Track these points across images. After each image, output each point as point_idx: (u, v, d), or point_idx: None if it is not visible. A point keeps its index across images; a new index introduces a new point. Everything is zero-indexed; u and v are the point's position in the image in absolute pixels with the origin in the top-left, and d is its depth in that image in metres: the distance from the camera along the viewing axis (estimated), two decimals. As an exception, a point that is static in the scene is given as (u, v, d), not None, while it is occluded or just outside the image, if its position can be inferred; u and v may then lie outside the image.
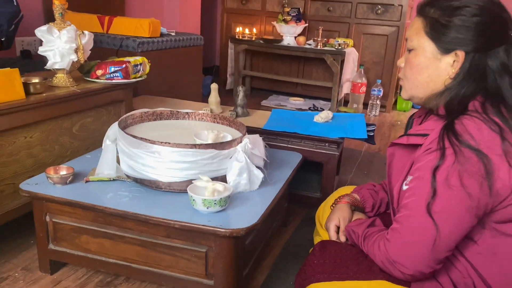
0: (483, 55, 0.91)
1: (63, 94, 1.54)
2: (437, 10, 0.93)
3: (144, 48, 2.58)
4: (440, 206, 0.84)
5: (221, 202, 1.21)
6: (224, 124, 1.67)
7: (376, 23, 3.91)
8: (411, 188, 0.90)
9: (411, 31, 0.98)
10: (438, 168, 0.84)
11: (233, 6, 4.47)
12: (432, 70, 0.95)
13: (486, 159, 0.81)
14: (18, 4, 1.82)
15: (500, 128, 0.85)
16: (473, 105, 0.89)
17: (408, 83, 1.00)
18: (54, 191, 1.31)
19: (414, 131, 0.98)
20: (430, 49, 0.94)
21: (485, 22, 0.90)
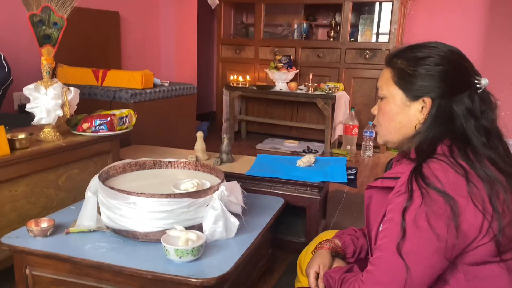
0: (449, 101, 0.96)
1: (49, 148, 1.61)
2: (403, 60, 1.00)
3: (137, 99, 2.68)
4: (410, 247, 0.86)
5: (193, 252, 1.23)
6: (205, 171, 1.71)
7: (365, 67, 4.03)
8: (383, 230, 0.93)
9: (381, 81, 1.05)
10: (406, 210, 0.87)
11: (228, 55, 4.65)
12: (402, 117, 1.00)
13: (452, 201, 0.84)
14: (9, 70, 1.92)
15: (465, 171, 0.88)
16: (441, 149, 0.93)
17: (382, 129, 1.06)
18: (34, 244, 1.34)
19: (388, 174, 1.02)
20: (399, 97, 1.00)
21: (447, 70, 0.96)
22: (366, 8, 4.32)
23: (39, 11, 1.59)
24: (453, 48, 1.00)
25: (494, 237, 0.86)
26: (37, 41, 1.62)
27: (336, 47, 4.14)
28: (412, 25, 4.51)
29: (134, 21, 3.80)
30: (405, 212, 0.87)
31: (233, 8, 4.81)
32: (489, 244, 0.87)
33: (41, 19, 1.61)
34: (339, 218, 2.37)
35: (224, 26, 4.67)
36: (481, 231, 0.86)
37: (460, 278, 0.90)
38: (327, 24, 4.68)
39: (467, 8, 4.39)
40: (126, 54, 3.76)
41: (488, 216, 0.85)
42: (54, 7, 1.62)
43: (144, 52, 4.01)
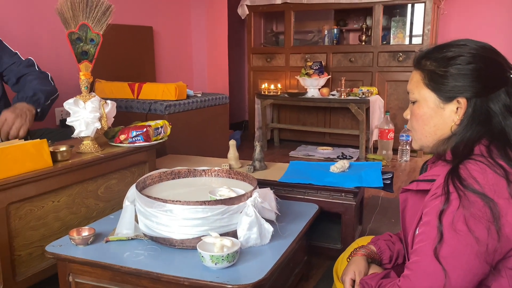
0: (485, 99, 0.93)
1: (88, 159, 1.67)
2: (433, 62, 0.98)
3: (171, 111, 2.74)
4: (447, 251, 0.84)
5: (229, 258, 1.24)
6: (239, 179, 1.72)
7: (398, 70, 3.95)
8: (420, 234, 0.91)
9: (411, 85, 1.02)
10: (443, 213, 0.85)
11: (259, 64, 4.68)
12: (437, 119, 0.98)
13: (492, 203, 0.82)
14: (54, 85, 2.04)
15: (505, 172, 0.85)
16: (478, 149, 0.91)
17: (417, 134, 1.04)
18: (76, 252, 1.39)
19: (423, 176, 1.00)
20: (432, 99, 0.98)
21: (480, 68, 0.93)
22: (398, 10, 4.25)
23: (76, 29, 1.67)
24: (484, 44, 0.97)
25: None
26: (76, 58, 1.70)
27: (368, 51, 4.09)
28: (446, 25, 4.39)
29: (167, 34, 3.91)
30: (442, 215, 0.84)
31: (262, 17, 4.86)
32: None
33: (79, 36, 1.68)
34: (376, 224, 2.32)
35: (254, 35, 4.71)
36: None
37: (503, 283, 0.86)
38: (358, 29, 4.64)
39: (502, 4, 4.23)
40: (160, 67, 3.87)
41: None
42: (91, 24, 1.69)
43: (177, 64, 4.10)
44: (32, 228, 1.52)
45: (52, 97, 2.01)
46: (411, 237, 0.97)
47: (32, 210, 1.51)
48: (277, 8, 4.46)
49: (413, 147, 1.08)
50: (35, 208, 1.52)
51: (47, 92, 1.95)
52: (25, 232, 1.50)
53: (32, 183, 1.48)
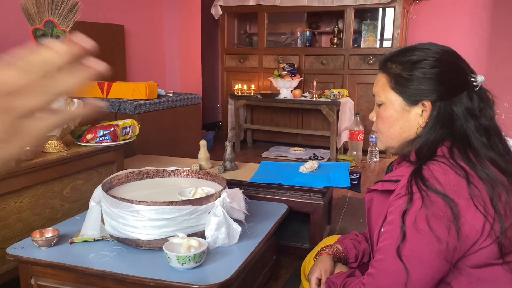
0: (448, 102, 0.96)
1: (53, 159, 1.63)
2: (398, 65, 0.99)
3: (142, 110, 2.71)
4: (409, 250, 0.86)
5: (195, 258, 1.24)
6: (208, 179, 1.72)
7: (369, 72, 4.03)
8: (384, 233, 0.93)
9: (377, 87, 1.04)
10: (406, 212, 0.87)
11: (232, 65, 4.68)
12: (403, 122, 1.00)
13: (452, 203, 0.84)
14: None
15: (466, 173, 0.87)
16: (441, 151, 0.93)
17: (383, 136, 1.05)
18: (39, 254, 1.35)
19: (388, 177, 1.02)
20: (398, 102, 0.99)
21: (443, 71, 0.96)
22: (368, 14, 4.34)
23: (41, 25, 1.63)
24: (447, 48, 1.00)
25: (496, 239, 0.85)
26: (41, 55, 1.65)
27: (340, 54, 4.16)
28: (415, 29, 4.51)
29: (138, 33, 3.85)
30: (405, 214, 0.86)
31: (236, 18, 4.86)
32: (492, 246, 0.86)
33: (44, 33, 1.64)
34: (345, 223, 2.36)
35: (228, 36, 4.71)
36: (483, 233, 0.85)
37: (462, 281, 0.89)
38: (330, 31, 4.70)
39: (470, 9, 4.38)
40: (131, 66, 3.81)
41: (490, 218, 0.84)
42: (57, 21, 1.65)
43: (149, 63, 4.05)
44: (-8, 230, 1.47)
45: None
46: (376, 235, 0.99)
47: (-7, 211, 1.46)
48: (251, 9, 4.47)
49: (379, 148, 1.11)
50: (-4, 209, 1.47)
51: None
52: (-15, 234, 1.45)
53: (-7, 183, 1.43)
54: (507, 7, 4.26)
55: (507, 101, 4.32)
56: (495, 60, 4.35)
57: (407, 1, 4.00)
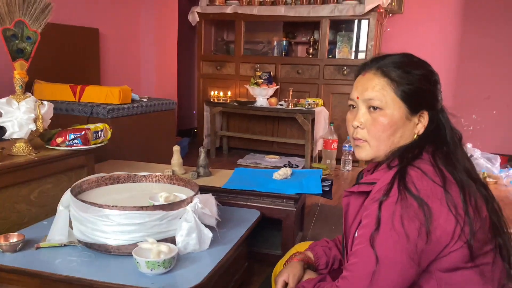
0: (436, 112, 1.02)
1: (20, 162, 1.59)
2: (402, 73, 0.99)
3: (114, 115, 2.67)
4: (381, 240, 0.87)
5: (165, 264, 1.23)
6: (180, 185, 1.71)
7: (343, 83, 4.10)
8: (359, 236, 0.94)
9: (377, 92, 0.99)
10: (382, 204, 0.88)
11: (209, 72, 4.68)
12: (403, 130, 1.00)
13: (426, 206, 0.86)
14: None
15: (443, 176, 0.91)
16: (426, 155, 0.96)
17: (376, 143, 1.01)
18: (2, 259, 1.31)
19: (365, 180, 1.03)
20: (402, 110, 0.99)
21: (438, 83, 1.03)
22: (344, 25, 4.43)
23: (12, 26, 1.59)
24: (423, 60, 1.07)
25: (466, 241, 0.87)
26: (10, 55, 1.62)
27: (315, 64, 4.22)
28: (388, 42, 4.63)
29: (113, 37, 3.81)
30: (381, 205, 0.88)
31: (213, 25, 4.87)
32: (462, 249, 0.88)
33: (14, 33, 1.61)
34: (316, 230, 2.38)
35: (205, 43, 4.71)
36: (453, 236, 0.87)
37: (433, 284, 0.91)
38: (306, 42, 4.77)
39: (440, 24, 4.55)
40: (106, 70, 3.76)
41: (461, 220, 0.87)
42: (28, 21, 1.62)
43: (124, 68, 4.01)
44: (-47, 235, 1.41)
45: None
46: (351, 239, 1.00)
47: (-45, 215, 1.41)
48: (228, 17, 4.50)
49: (362, 157, 1.05)
50: (-42, 213, 1.42)
51: None
52: None
53: (-44, 186, 1.38)
54: (476, 22, 4.44)
55: (475, 113, 4.47)
56: (464, 73, 4.51)
57: (381, 14, 4.10)
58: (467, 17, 4.47)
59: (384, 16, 4.29)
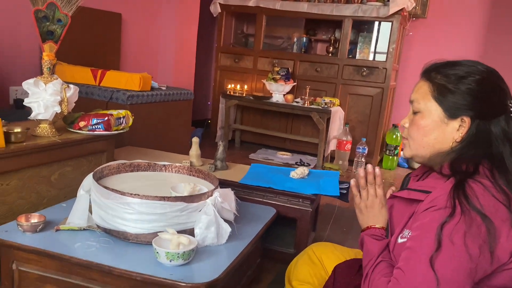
0: (487, 122, 0.96)
1: (44, 143, 1.60)
2: (443, 77, 0.99)
3: (134, 101, 2.68)
4: (442, 261, 0.84)
5: (184, 256, 1.23)
6: (199, 177, 1.71)
7: (361, 84, 4.07)
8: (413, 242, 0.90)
9: (418, 94, 1.03)
10: (444, 224, 0.85)
11: (226, 64, 4.67)
12: (438, 133, 1.00)
13: (490, 224, 0.84)
14: None
15: (506, 195, 0.89)
16: (482, 170, 0.93)
17: (414, 143, 1.04)
18: (23, 239, 1.32)
19: (416, 186, 1.01)
20: (438, 113, 0.99)
21: (487, 91, 0.97)
22: (366, 26, 4.39)
23: (44, 7, 1.60)
24: (492, 68, 1.01)
25: None
26: (40, 37, 1.63)
27: (334, 63, 4.19)
28: (410, 46, 4.58)
29: (135, 23, 3.81)
30: (444, 226, 0.85)
31: (234, 17, 4.85)
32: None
33: (45, 15, 1.61)
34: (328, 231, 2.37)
35: (224, 35, 4.70)
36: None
37: None
38: (326, 40, 4.73)
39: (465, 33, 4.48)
40: (125, 56, 3.77)
41: None
42: (60, 4, 1.63)
43: (143, 55, 4.02)
44: (-25, 211, 1.43)
45: None
46: (393, 241, 1.00)
47: (-22, 192, 1.43)
48: (250, 10, 4.48)
49: (405, 155, 1.09)
50: (-19, 190, 1.44)
51: None
52: (-33, 214, 1.41)
53: (-19, 163, 1.40)
54: (500, 33, 4.37)
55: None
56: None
57: (404, 17, 4.06)
58: (491, 26, 4.40)
59: (407, 20, 4.24)
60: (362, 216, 1.15)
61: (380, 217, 1.12)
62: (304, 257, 1.43)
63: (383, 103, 4.00)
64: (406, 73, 4.62)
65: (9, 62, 2.75)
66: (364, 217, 1.14)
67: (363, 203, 1.14)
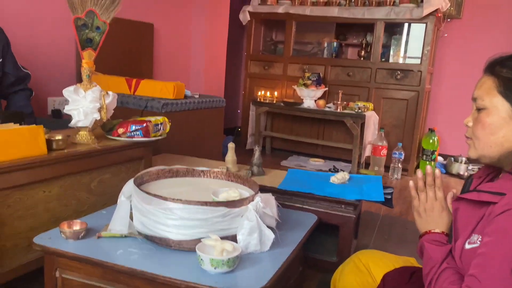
0: None
1: (84, 150, 1.60)
2: (510, 70, 0.93)
3: (168, 109, 2.69)
4: None
5: (229, 263, 1.19)
6: (238, 182, 1.67)
7: (395, 87, 3.97)
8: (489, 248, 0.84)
9: (481, 90, 0.97)
10: None
11: (256, 71, 4.65)
12: (507, 130, 0.92)
13: None
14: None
15: None
16: None
17: (480, 143, 0.97)
18: (66, 246, 1.31)
19: (487, 188, 0.95)
20: (505, 108, 0.92)
21: None
22: (398, 29, 4.29)
23: (83, 15, 1.61)
24: None
25: None
26: (79, 45, 1.64)
27: (367, 67, 4.11)
28: (445, 48, 4.45)
29: (167, 33, 3.86)
30: None
31: (263, 25, 4.84)
32: None
33: (85, 22, 1.63)
34: (367, 240, 2.29)
35: (254, 42, 4.69)
36: None
37: None
38: (357, 44, 4.66)
39: (501, 33, 4.31)
40: (158, 65, 3.81)
41: None
42: (98, 11, 1.64)
43: (175, 63, 4.05)
44: (20, 218, 1.44)
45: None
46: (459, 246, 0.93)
47: (22, 199, 1.44)
48: (279, 16, 4.46)
49: (470, 155, 1.01)
50: (25, 196, 1.45)
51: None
52: (12, 222, 1.42)
53: (24, 170, 1.41)
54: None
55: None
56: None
57: (438, 18, 3.94)
58: (532, 24, 4.23)
59: (441, 21, 4.12)
60: (420, 220, 1.08)
61: (440, 221, 1.06)
62: (350, 265, 1.38)
63: (419, 107, 3.88)
64: (442, 76, 4.48)
65: (47, 73, 2.81)
66: (423, 221, 1.08)
67: (422, 206, 1.07)
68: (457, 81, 4.36)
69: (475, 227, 0.90)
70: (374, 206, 2.87)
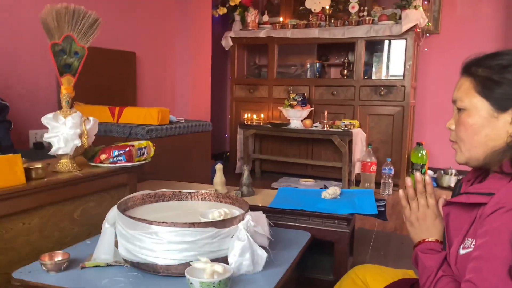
0: None
1: (65, 178, 1.54)
2: (485, 69, 0.92)
3: (153, 135, 2.64)
4: None
5: (220, 285, 1.13)
6: (227, 202, 1.62)
7: (380, 104, 4.00)
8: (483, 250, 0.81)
9: (460, 92, 0.96)
10: None
11: (242, 95, 4.66)
12: (489, 129, 0.91)
13: None
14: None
15: None
16: None
17: (465, 145, 0.95)
18: (47, 279, 1.24)
19: (476, 189, 0.92)
20: (485, 108, 0.91)
21: None
22: (379, 46, 4.35)
23: (60, 41, 1.58)
24: None
25: None
26: (58, 71, 1.60)
27: (350, 85, 4.14)
28: (426, 62, 4.52)
29: (149, 61, 3.85)
30: None
31: (246, 50, 4.89)
32: None
33: (62, 48, 1.60)
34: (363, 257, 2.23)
35: (238, 67, 4.72)
36: None
37: None
38: (339, 64, 4.71)
39: (480, 45, 4.40)
40: (142, 92, 3.78)
41: None
42: (76, 36, 1.61)
43: (159, 91, 4.03)
44: (-3, 253, 1.36)
45: None
46: (454, 252, 0.90)
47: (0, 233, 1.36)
48: (261, 41, 4.50)
49: (458, 161, 0.99)
50: (3, 230, 1.37)
51: None
52: (-11, 257, 1.34)
53: (2, 201, 1.34)
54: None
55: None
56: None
57: (418, 34, 4.01)
58: (507, 36, 4.33)
59: (421, 36, 4.20)
60: (413, 230, 1.05)
61: (433, 229, 1.03)
62: (348, 281, 1.34)
63: (405, 122, 3.90)
64: (425, 90, 4.53)
65: (28, 106, 2.76)
66: (416, 230, 1.04)
67: (414, 215, 1.04)
68: (441, 94, 4.41)
69: (467, 231, 0.87)
70: (368, 223, 2.82)
